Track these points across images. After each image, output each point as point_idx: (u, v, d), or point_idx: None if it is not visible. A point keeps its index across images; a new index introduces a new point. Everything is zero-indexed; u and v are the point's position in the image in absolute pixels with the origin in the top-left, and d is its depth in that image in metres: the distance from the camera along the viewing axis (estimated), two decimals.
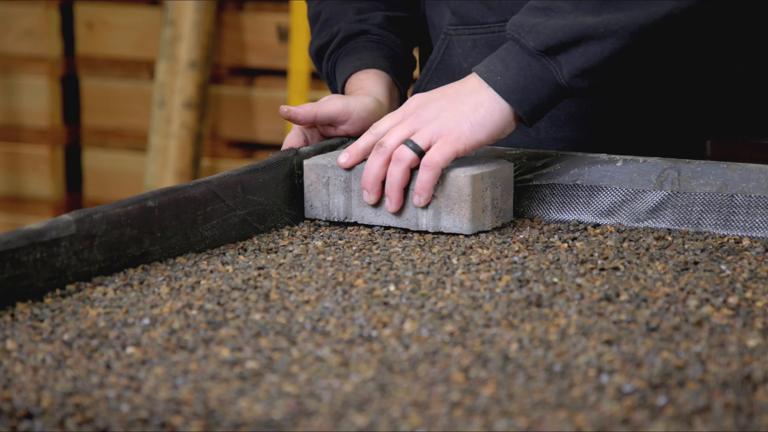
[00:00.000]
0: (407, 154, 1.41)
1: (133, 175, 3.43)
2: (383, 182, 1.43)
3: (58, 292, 1.27)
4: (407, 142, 1.41)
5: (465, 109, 1.41)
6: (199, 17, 3.24)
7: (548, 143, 1.59)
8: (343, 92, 1.63)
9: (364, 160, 1.46)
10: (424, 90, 1.62)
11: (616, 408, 0.99)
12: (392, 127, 1.43)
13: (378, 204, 1.45)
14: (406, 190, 1.43)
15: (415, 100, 1.43)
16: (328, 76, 1.68)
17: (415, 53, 1.71)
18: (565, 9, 1.40)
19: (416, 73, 1.70)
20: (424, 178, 1.40)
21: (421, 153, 1.41)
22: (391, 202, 1.42)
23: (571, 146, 1.58)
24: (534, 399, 1.01)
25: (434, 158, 1.39)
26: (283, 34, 3.23)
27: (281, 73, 3.25)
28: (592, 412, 0.98)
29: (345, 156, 1.44)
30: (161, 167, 3.28)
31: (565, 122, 1.59)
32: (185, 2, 3.24)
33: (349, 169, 1.45)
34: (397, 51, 1.66)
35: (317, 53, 1.68)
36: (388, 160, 1.41)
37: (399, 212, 1.45)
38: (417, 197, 1.41)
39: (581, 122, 1.58)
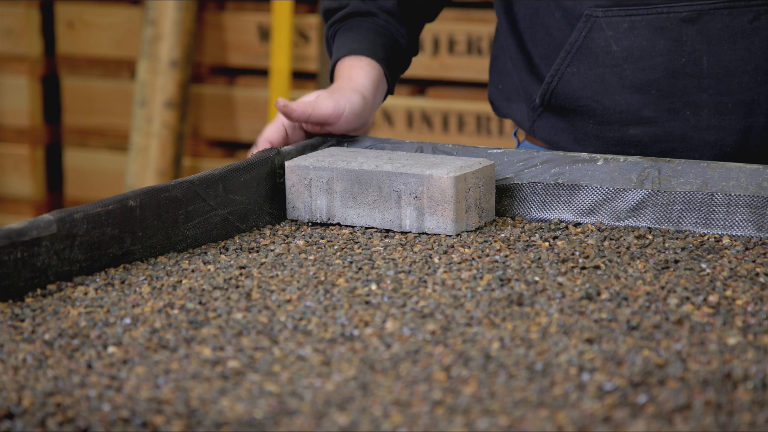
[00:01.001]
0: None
1: (114, 175, 3.42)
2: None
3: (39, 291, 1.27)
4: None
5: None
6: (180, 17, 3.23)
7: (709, 131, 1.53)
8: (334, 69, 1.62)
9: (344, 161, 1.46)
10: (564, 74, 1.56)
11: (597, 406, 0.99)
12: None
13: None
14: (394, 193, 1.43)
15: None
16: (327, 41, 1.67)
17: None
18: None
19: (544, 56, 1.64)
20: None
21: None
22: None
23: (734, 135, 1.53)
24: (515, 397, 1.01)
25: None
26: (264, 34, 3.23)
27: (262, 73, 3.25)
28: (573, 410, 0.98)
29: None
30: (142, 167, 3.28)
31: (731, 109, 1.53)
32: (166, 2, 3.23)
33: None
34: (399, 40, 1.63)
35: (325, 13, 1.67)
36: None
37: (382, 213, 1.45)
38: None
39: (750, 110, 1.53)
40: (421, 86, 3.14)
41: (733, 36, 1.51)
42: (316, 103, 1.54)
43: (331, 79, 1.64)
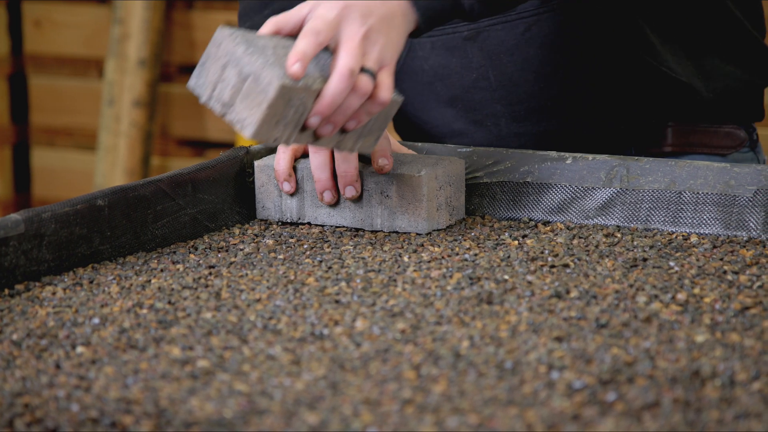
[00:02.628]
0: (368, 87, 1.29)
1: (82, 174, 3.40)
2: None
3: (6, 291, 1.26)
4: (366, 69, 1.30)
5: (394, 37, 1.32)
6: (148, 15, 3.22)
7: (510, 138, 1.60)
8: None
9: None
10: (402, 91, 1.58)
11: (566, 404, 0.99)
12: (345, 44, 1.29)
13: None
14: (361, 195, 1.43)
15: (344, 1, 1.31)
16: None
17: None
18: None
19: None
20: (374, 110, 1.31)
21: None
22: (334, 129, 1.30)
23: (533, 140, 1.59)
24: (485, 396, 1.01)
25: (385, 96, 1.30)
26: None
27: None
28: (543, 408, 0.99)
29: (297, 65, 1.26)
30: (111, 166, 3.27)
31: (525, 116, 1.60)
32: (134, 1, 3.22)
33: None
34: None
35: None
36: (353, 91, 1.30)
37: (353, 212, 1.45)
38: (355, 122, 1.31)
39: (541, 116, 1.59)
40: None
41: (509, 49, 1.57)
42: None
43: None
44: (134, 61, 3.23)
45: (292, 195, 1.46)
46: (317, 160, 1.43)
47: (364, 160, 1.45)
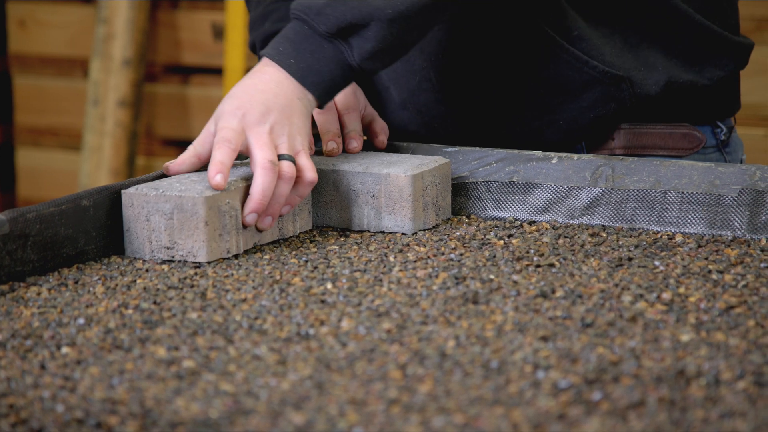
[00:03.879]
0: (292, 171, 1.37)
1: (67, 174, 3.40)
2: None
3: None
4: (284, 156, 1.38)
5: (297, 122, 1.40)
6: (132, 15, 3.22)
7: (456, 139, 1.59)
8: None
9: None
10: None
11: (552, 403, 0.99)
12: (255, 142, 1.38)
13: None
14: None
15: (241, 109, 1.39)
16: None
17: None
18: None
19: None
20: (305, 192, 1.39)
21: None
22: (273, 220, 1.39)
23: (484, 140, 1.58)
24: (471, 395, 1.01)
25: (311, 176, 1.39)
26: (218, 32, 3.22)
27: (216, 71, 3.24)
28: (529, 407, 0.99)
29: (219, 176, 1.34)
30: (96, 166, 3.26)
31: (471, 116, 1.59)
32: (119, 0, 3.21)
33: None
34: None
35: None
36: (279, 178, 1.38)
37: (339, 213, 1.45)
38: (288, 207, 1.39)
39: (486, 115, 1.58)
40: None
41: (448, 49, 1.56)
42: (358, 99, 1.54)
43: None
44: (119, 61, 3.22)
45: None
46: (321, 117, 1.50)
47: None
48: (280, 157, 1.37)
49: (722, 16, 1.60)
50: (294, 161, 1.38)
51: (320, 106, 1.43)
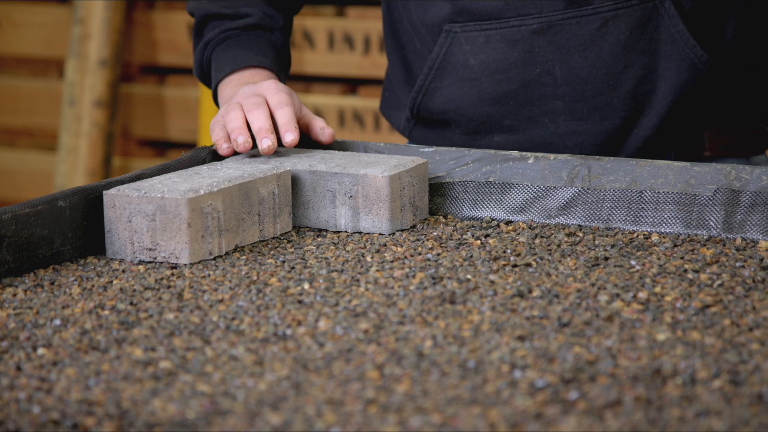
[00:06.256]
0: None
1: (43, 175, 3.38)
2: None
3: None
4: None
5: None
6: (108, 15, 3.21)
7: (567, 136, 1.58)
8: (227, 72, 1.62)
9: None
10: (428, 89, 1.62)
11: (529, 403, 0.99)
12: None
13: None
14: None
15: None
16: (208, 43, 1.65)
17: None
18: None
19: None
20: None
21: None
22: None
23: (590, 138, 1.57)
24: (448, 395, 1.01)
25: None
26: None
27: (192, 72, 3.23)
28: (506, 407, 0.99)
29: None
30: (72, 167, 3.25)
31: (587, 115, 1.58)
32: (94, 1, 3.20)
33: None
34: (288, 59, 1.68)
35: (208, 16, 1.65)
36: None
37: (317, 213, 1.45)
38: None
39: (604, 115, 1.57)
40: (352, 85, 3.14)
41: (582, 44, 1.56)
42: (292, 101, 1.54)
43: (213, 83, 1.63)
44: (95, 62, 3.21)
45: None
46: (237, 121, 1.51)
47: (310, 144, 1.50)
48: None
49: None
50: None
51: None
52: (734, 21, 1.56)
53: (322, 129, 1.53)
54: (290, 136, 1.47)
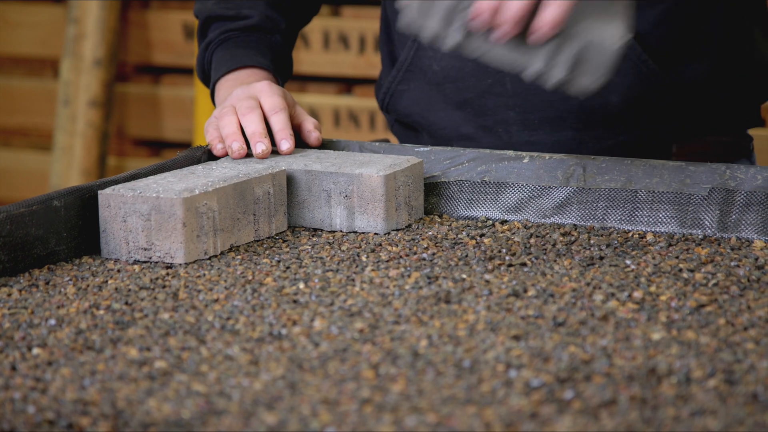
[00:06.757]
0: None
1: (38, 175, 3.38)
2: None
3: None
4: None
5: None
6: (103, 15, 3.21)
7: (520, 146, 1.58)
8: (223, 72, 1.62)
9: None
10: (395, 91, 1.63)
11: (524, 402, 1.00)
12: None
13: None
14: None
15: None
16: (209, 44, 1.65)
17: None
18: None
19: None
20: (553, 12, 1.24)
21: None
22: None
23: (544, 150, 1.58)
24: (443, 395, 1.01)
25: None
26: (190, 32, 3.21)
27: (188, 71, 3.23)
28: (501, 406, 0.99)
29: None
30: (67, 166, 3.25)
31: (538, 125, 1.59)
32: (89, 0, 3.20)
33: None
34: (289, 62, 1.68)
35: (211, 18, 1.66)
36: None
37: (312, 213, 1.44)
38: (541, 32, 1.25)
39: (555, 126, 1.59)
40: (347, 84, 3.14)
41: None
42: (285, 102, 1.53)
43: (211, 82, 1.63)
44: (90, 61, 3.21)
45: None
46: (231, 127, 1.50)
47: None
48: None
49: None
50: None
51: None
52: (686, 34, 1.56)
53: (309, 132, 1.54)
54: (286, 145, 1.48)
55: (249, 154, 1.49)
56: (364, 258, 1.35)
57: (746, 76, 1.60)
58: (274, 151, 1.50)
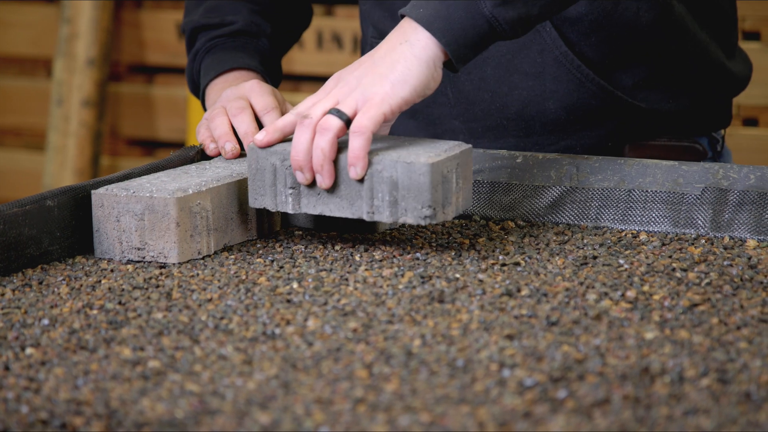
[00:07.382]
0: (333, 123, 1.32)
1: (31, 175, 3.38)
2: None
3: None
4: (332, 111, 1.32)
5: (383, 71, 1.33)
6: (96, 15, 3.20)
7: None
8: (212, 76, 1.62)
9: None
10: None
11: (517, 402, 1.00)
12: (315, 103, 1.35)
13: (313, 184, 1.35)
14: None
15: (333, 77, 1.38)
16: (196, 54, 1.66)
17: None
18: None
19: None
20: (356, 145, 1.31)
21: (348, 121, 1.32)
22: (323, 178, 1.32)
23: None
24: (437, 394, 1.01)
25: (362, 123, 1.31)
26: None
27: (181, 71, 3.23)
28: (495, 406, 0.99)
29: (262, 134, 1.35)
30: (60, 166, 3.24)
31: (482, 134, 1.60)
32: (82, 0, 3.20)
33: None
34: (279, 66, 1.69)
35: (197, 29, 1.67)
36: (315, 133, 1.33)
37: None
38: (352, 168, 1.31)
39: (498, 134, 1.59)
40: None
41: (467, 67, 1.57)
42: (277, 103, 1.52)
43: (201, 89, 1.63)
44: (83, 61, 3.21)
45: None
46: (224, 127, 1.48)
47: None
48: (331, 112, 1.33)
49: (726, 41, 1.62)
50: (343, 116, 1.32)
51: (455, 64, 1.34)
52: (619, 43, 1.56)
53: None
54: None
55: (242, 154, 1.49)
56: (357, 257, 1.35)
57: (697, 79, 1.59)
58: None
